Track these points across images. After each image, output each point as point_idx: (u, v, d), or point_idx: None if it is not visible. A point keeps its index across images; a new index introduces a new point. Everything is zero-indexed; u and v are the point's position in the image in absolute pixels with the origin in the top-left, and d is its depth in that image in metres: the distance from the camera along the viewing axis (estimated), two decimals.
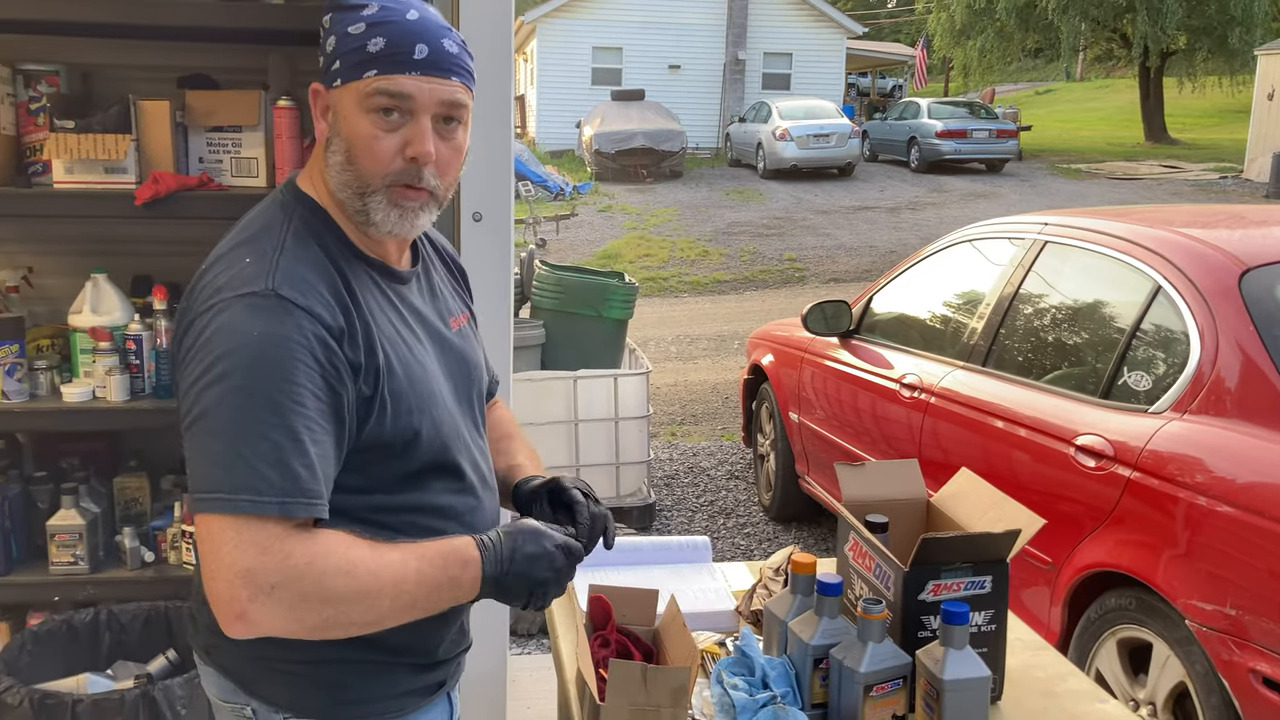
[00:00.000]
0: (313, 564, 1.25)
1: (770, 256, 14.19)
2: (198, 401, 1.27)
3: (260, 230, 1.39)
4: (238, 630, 1.24)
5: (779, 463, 5.37)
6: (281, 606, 1.23)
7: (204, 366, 1.27)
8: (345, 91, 1.36)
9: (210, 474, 1.24)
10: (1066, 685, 1.90)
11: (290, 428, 1.25)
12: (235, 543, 1.22)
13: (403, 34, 1.34)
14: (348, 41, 1.35)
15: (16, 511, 2.89)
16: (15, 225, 3.17)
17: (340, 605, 1.27)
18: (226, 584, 1.22)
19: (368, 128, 1.35)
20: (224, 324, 1.28)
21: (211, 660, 1.48)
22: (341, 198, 1.40)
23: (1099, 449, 3.04)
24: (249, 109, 2.88)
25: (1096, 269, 3.54)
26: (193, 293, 1.37)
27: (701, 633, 2.00)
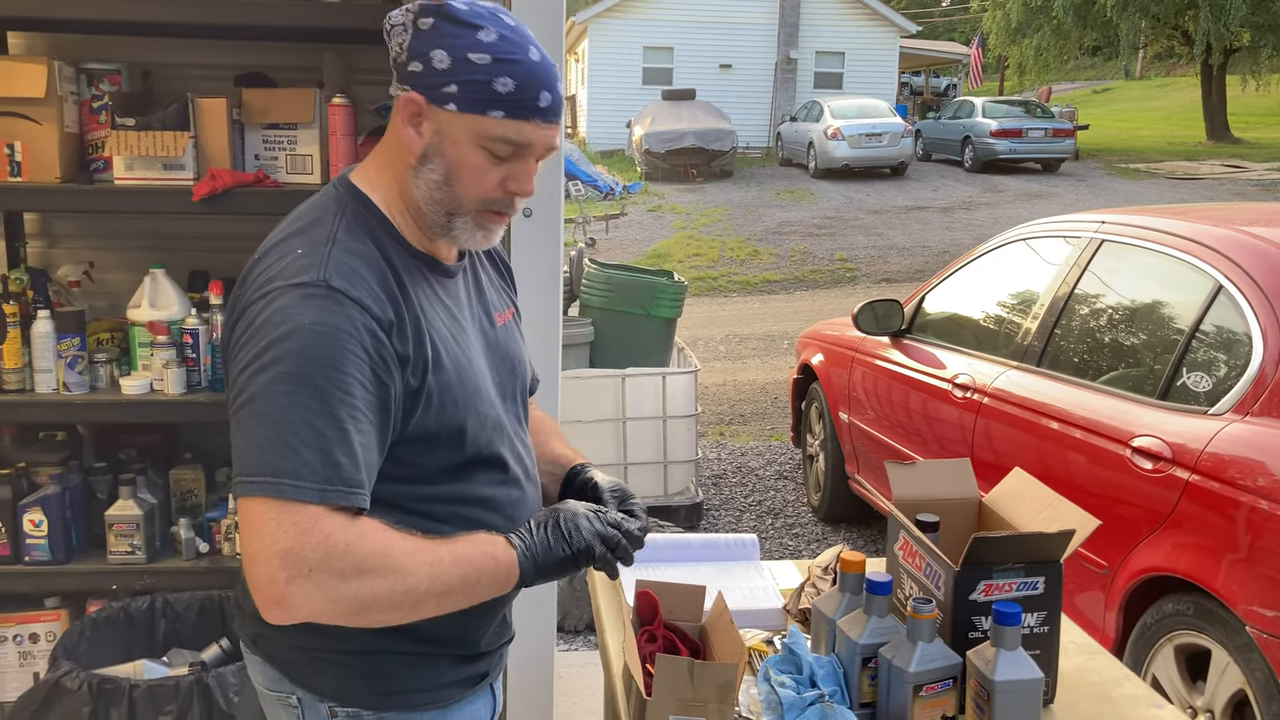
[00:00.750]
0: (351, 547, 1.26)
1: (821, 256, 14.10)
2: (246, 386, 1.29)
3: (312, 222, 1.40)
4: (276, 615, 1.25)
5: (828, 463, 5.34)
6: (319, 589, 1.24)
7: (254, 353, 1.29)
8: (461, 120, 1.36)
9: (254, 457, 1.26)
10: (1122, 690, 1.86)
11: (335, 416, 1.26)
12: (276, 525, 1.23)
13: (530, 78, 1.36)
14: (470, 70, 1.34)
15: (77, 501, 2.95)
16: (78, 221, 3.25)
17: (377, 588, 1.28)
18: (265, 565, 1.23)
19: (478, 160, 1.38)
20: (275, 312, 1.30)
21: (258, 649, 1.49)
22: (426, 210, 1.42)
23: (1156, 451, 2.98)
24: (304, 106, 2.92)
25: (1155, 268, 3.47)
26: (244, 282, 1.38)
27: (749, 630, 1.99)
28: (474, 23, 1.36)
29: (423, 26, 1.37)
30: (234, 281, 3.10)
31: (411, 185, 1.41)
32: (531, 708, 2.79)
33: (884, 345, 4.73)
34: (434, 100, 1.36)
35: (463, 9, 1.37)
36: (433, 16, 1.36)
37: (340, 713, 1.45)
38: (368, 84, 3.18)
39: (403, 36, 1.38)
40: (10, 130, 2.77)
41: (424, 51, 1.36)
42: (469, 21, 1.36)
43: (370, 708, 1.45)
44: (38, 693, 2.32)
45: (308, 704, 1.46)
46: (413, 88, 1.37)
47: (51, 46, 3.07)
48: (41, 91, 2.75)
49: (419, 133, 1.39)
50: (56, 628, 2.92)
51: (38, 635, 2.94)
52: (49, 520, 2.86)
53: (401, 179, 1.42)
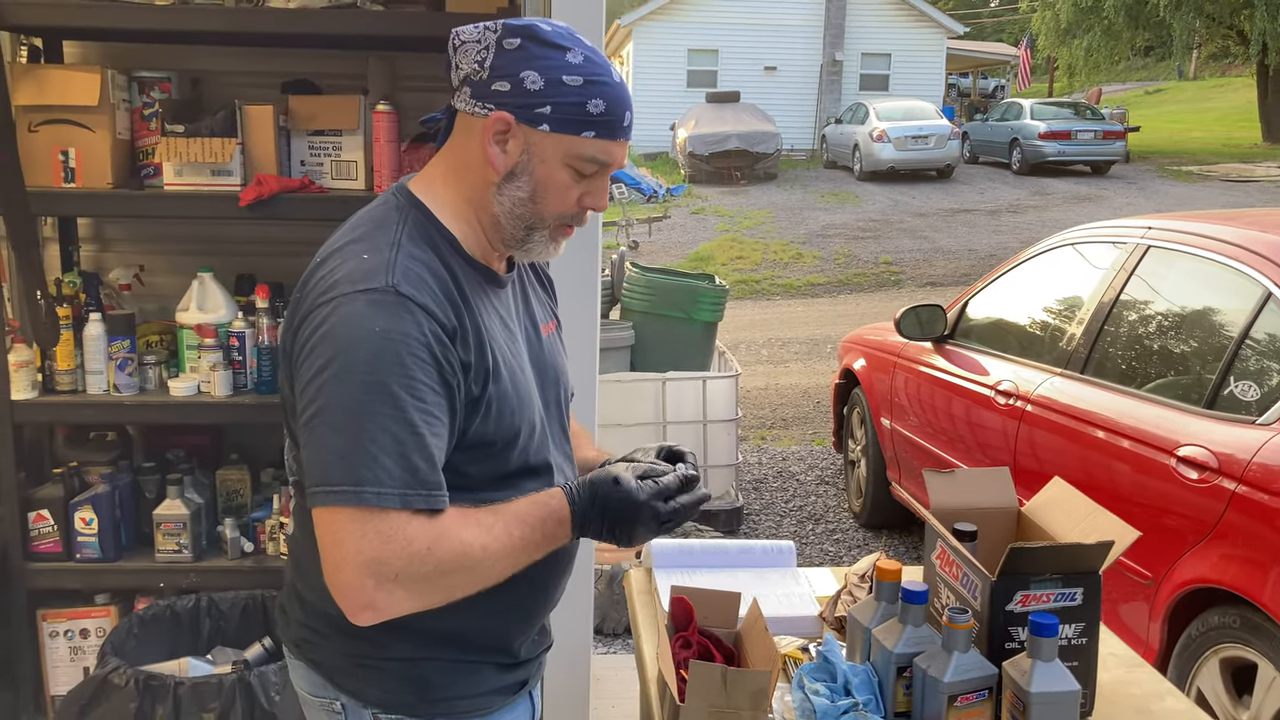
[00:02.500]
0: (432, 549, 1.28)
1: (865, 260, 14.01)
2: (318, 396, 1.29)
3: (375, 228, 1.41)
4: (366, 618, 1.28)
5: (870, 469, 5.30)
6: (406, 592, 1.28)
7: (324, 360, 1.30)
8: (553, 140, 1.38)
9: (333, 467, 1.27)
10: (1163, 704, 1.84)
11: (409, 422, 1.28)
12: (360, 533, 1.25)
13: (618, 100, 1.40)
14: (563, 92, 1.37)
15: (126, 501, 3.01)
16: (128, 226, 3.32)
17: (460, 580, 1.32)
18: (353, 574, 1.25)
19: (565, 179, 1.41)
20: (343, 318, 1.30)
21: (302, 654, 1.50)
22: (505, 224, 1.44)
23: (1202, 460, 2.93)
24: (349, 113, 2.96)
25: (1203, 274, 3.42)
26: (306, 286, 1.39)
27: (784, 637, 1.99)
28: (561, 44, 1.38)
29: (509, 46, 1.38)
30: (281, 285, 3.19)
31: (492, 201, 1.43)
32: (568, 711, 2.80)
33: (927, 351, 4.69)
34: (525, 120, 1.38)
35: (548, 30, 1.39)
36: (519, 37, 1.38)
37: (384, 719, 1.46)
38: (411, 91, 3.22)
39: (483, 55, 1.39)
40: (65, 137, 2.84)
41: (513, 72, 1.37)
42: (556, 43, 1.38)
43: (414, 715, 1.47)
44: (87, 688, 2.38)
45: (351, 710, 1.47)
46: (499, 107, 1.38)
47: (105, 56, 3.15)
48: (95, 99, 2.82)
49: (505, 150, 1.40)
50: (106, 624, 2.99)
51: (88, 631, 3.00)
52: (99, 518, 2.92)
53: (477, 193, 1.44)
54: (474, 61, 1.39)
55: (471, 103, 1.40)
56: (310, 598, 1.47)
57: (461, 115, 1.44)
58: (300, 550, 1.49)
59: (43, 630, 2.99)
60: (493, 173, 1.41)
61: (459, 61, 1.42)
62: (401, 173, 2.94)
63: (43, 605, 3.00)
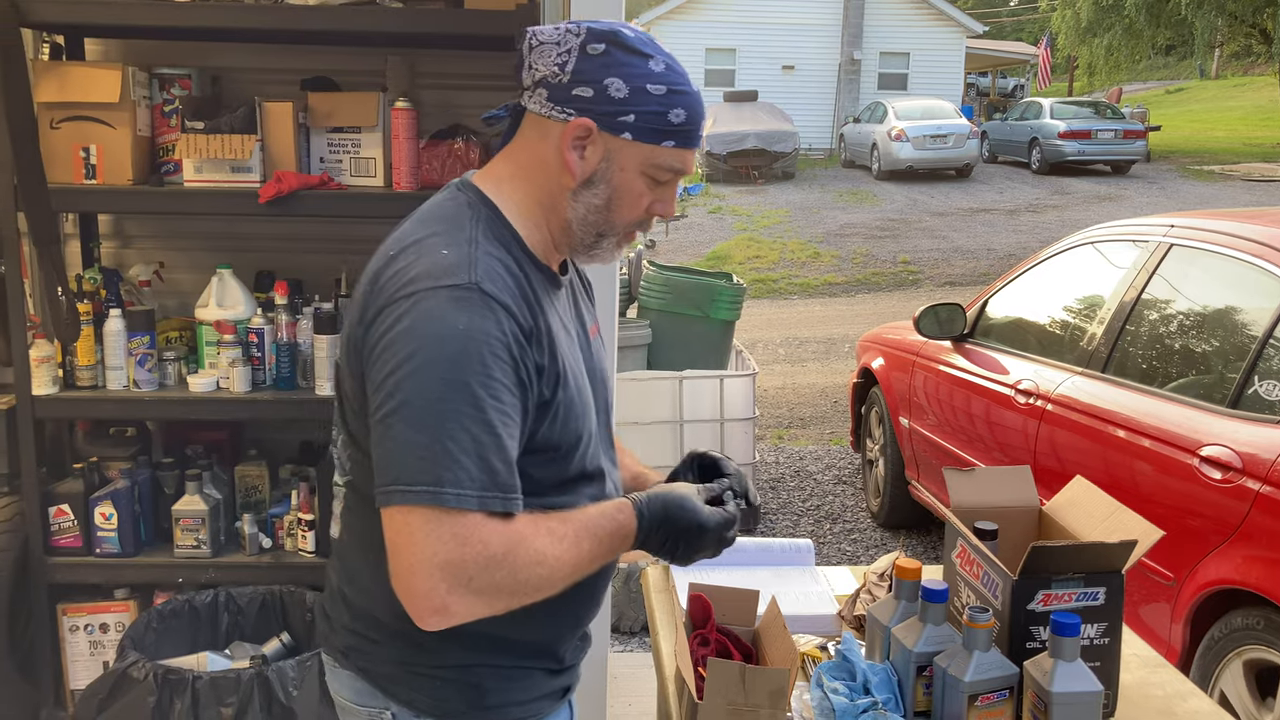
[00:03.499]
0: (508, 555, 1.26)
1: (883, 259, 13.96)
2: (396, 391, 1.26)
3: (450, 224, 1.38)
4: (434, 623, 1.25)
5: (888, 468, 5.28)
6: (478, 596, 1.25)
7: (404, 356, 1.26)
8: (633, 148, 1.37)
9: (411, 465, 1.23)
10: (1187, 706, 1.82)
11: (489, 423, 1.25)
12: (436, 535, 1.22)
13: (696, 108, 1.39)
14: (647, 100, 1.35)
15: (145, 496, 3.03)
16: (149, 222, 3.33)
17: (529, 590, 1.30)
18: (426, 577, 1.22)
19: (641, 187, 1.40)
20: (425, 314, 1.27)
21: (350, 663, 1.46)
22: (577, 230, 1.42)
23: (1226, 460, 2.90)
24: (368, 110, 2.97)
25: (1226, 273, 3.38)
26: (378, 279, 1.34)
27: (802, 636, 1.98)
28: (645, 51, 1.37)
29: (592, 52, 1.36)
30: (299, 282, 3.19)
31: (566, 206, 1.41)
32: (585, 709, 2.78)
33: (946, 350, 4.67)
34: (607, 128, 1.36)
35: (631, 37, 1.37)
36: (604, 43, 1.36)
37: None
38: (430, 88, 3.22)
39: (564, 58, 1.36)
40: (86, 134, 2.85)
41: (597, 78, 1.35)
42: (640, 50, 1.37)
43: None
44: (106, 681, 2.39)
45: (402, 719, 1.44)
46: (580, 112, 1.36)
47: (126, 52, 3.16)
48: (116, 96, 2.83)
49: (583, 156, 1.38)
50: (125, 618, 3.00)
51: (108, 625, 3.02)
52: (119, 514, 2.93)
53: (549, 197, 1.41)
54: (553, 64, 1.37)
55: (548, 106, 1.38)
56: (360, 602, 1.44)
57: (533, 116, 1.41)
58: (350, 553, 1.46)
59: (63, 624, 3.01)
60: (569, 178, 1.39)
61: (534, 62, 1.39)
62: (420, 169, 2.95)
63: (63, 600, 3.01)
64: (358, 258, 3.22)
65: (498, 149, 1.49)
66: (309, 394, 2.93)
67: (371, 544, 1.35)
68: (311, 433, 3.31)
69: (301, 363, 2.97)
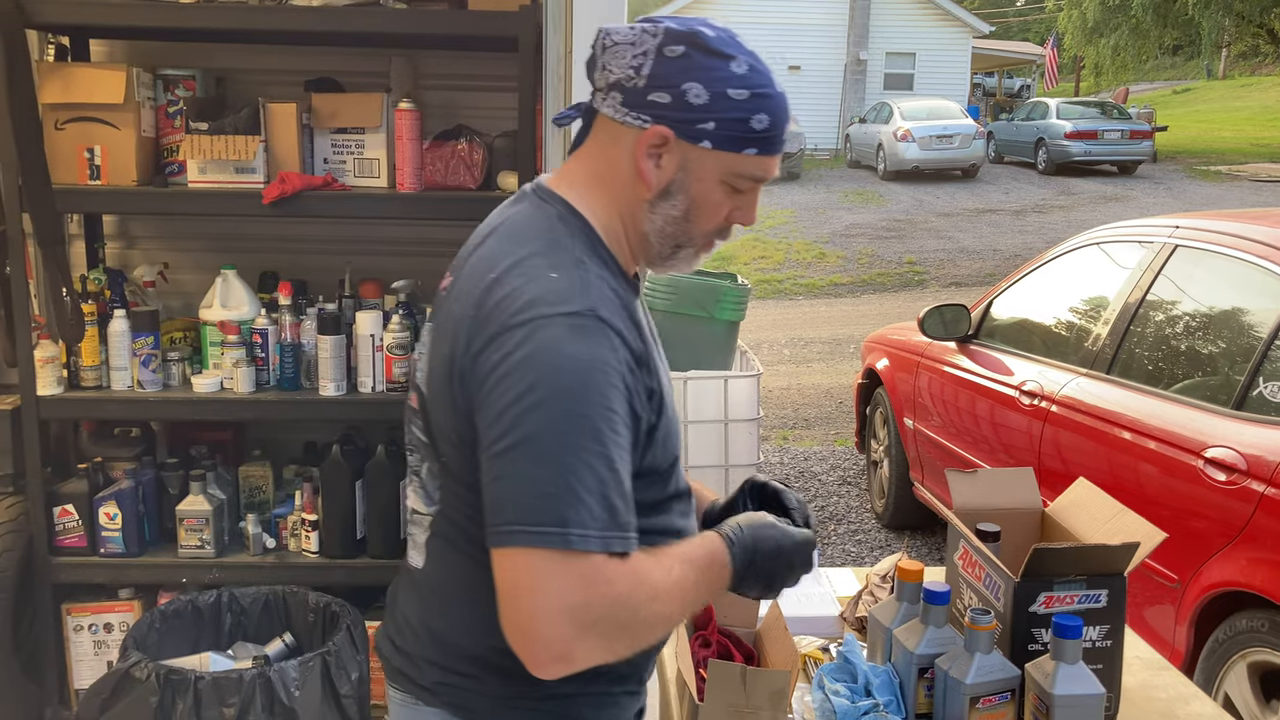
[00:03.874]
0: (630, 595, 1.20)
1: (889, 259, 13.95)
2: (516, 425, 1.18)
3: (548, 242, 1.30)
4: (555, 671, 1.18)
5: (893, 469, 5.28)
6: (601, 640, 1.18)
7: (524, 388, 1.18)
8: (713, 157, 1.30)
9: (533, 505, 1.17)
10: (1189, 709, 1.82)
11: (609, 458, 1.19)
12: (561, 578, 1.15)
13: (780, 112, 1.32)
14: (728, 107, 1.28)
15: (150, 496, 3.03)
16: (153, 223, 3.34)
17: (647, 630, 1.25)
18: (550, 622, 1.15)
19: (720, 197, 1.34)
20: (545, 343, 1.19)
21: (438, 700, 1.38)
22: (654, 242, 1.36)
23: (1230, 462, 2.90)
24: (372, 111, 2.97)
25: (1231, 274, 3.37)
26: (484, 304, 1.25)
27: (804, 637, 1.98)
28: (726, 52, 1.29)
29: (670, 54, 1.28)
30: (304, 282, 3.19)
31: (644, 218, 1.34)
32: None
33: (950, 351, 4.66)
34: (686, 136, 1.29)
35: (712, 36, 1.30)
36: (683, 44, 1.28)
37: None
38: (433, 89, 3.23)
39: (640, 60, 1.29)
40: (91, 135, 2.86)
41: (675, 83, 1.28)
42: (722, 51, 1.29)
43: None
44: (109, 681, 2.39)
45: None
46: (657, 120, 1.29)
47: (130, 54, 3.17)
48: (120, 97, 2.83)
49: (658, 166, 1.31)
50: (129, 618, 3.00)
51: (112, 625, 3.02)
52: (123, 514, 2.94)
53: (628, 207, 1.35)
54: (628, 66, 1.29)
55: (623, 111, 1.30)
56: (456, 638, 1.37)
57: (606, 120, 1.34)
58: (444, 586, 1.38)
59: (67, 624, 3.02)
60: (644, 189, 1.32)
61: (607, 63, 1.32)
62: (424, 170, 2.95)
63: (67, 599, 3.02)
64: (361, 258, 3.26)
65: (570, 150, 1.42)
66: (313, 394, 2.93)
67: (473, 580, 1.30)
68: (315, 433, 3.31)
69: (305, 363, 2.97)
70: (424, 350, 1.38)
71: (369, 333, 2.92)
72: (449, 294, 1.35)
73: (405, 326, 2.94)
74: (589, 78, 1.36)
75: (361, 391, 2.94)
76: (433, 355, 1.33)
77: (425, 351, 1.37)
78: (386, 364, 2.93)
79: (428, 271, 3.20)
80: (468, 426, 1.26)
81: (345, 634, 2.57)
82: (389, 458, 2.99)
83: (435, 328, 1.36)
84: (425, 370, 1.35)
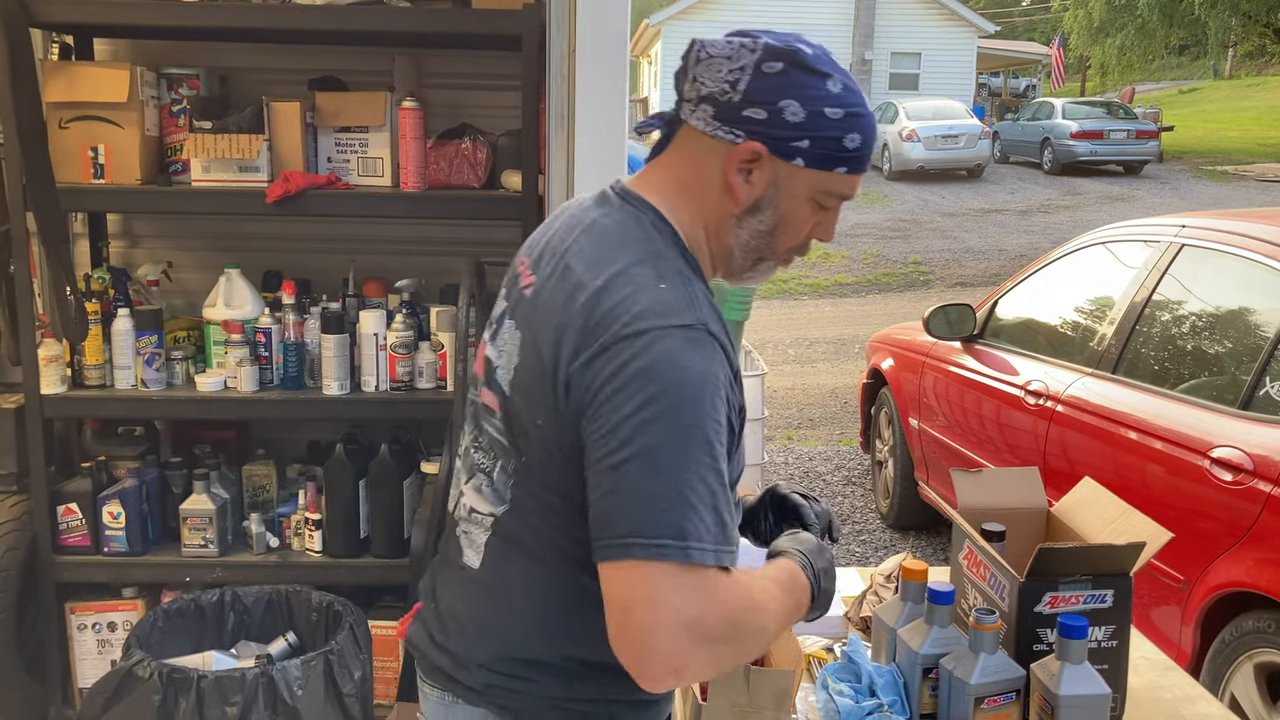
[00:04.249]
0: (740, 610, 1.21)
1: (894, 259, 13.93)
2: (635, 437, 1.17)
3: (651, 252, 1.29)
4: (667, 684, 1.17)
5: (898, 469, 5.27)
6: (713, 654, 1.18)
7: (643, 399, 1.18)
8: (804, 175, 1.31)
9: (652, 518, 1.16)
10: (1195, 709, 1.81)
11: (719, 471, 1.20)
12: (679, 592, 1.15)
13: (870, 131, 1.32)
14: (824, 126, 1.28)
15: (153, 495, 3.03)
16: (157, 222, 3.34)
17: (752, 645, 1.26)
18: (668, 635, 1.14)
19: (807, 214, 1.34)
20: (663, 356, 1.19)
21: (485, 700, 1.37)
22: (738, 255, 1.36)
23: (1237, 462, 2.88)
24: (375, 110, 2.97)
25: (1237, 273, 3.36)
26: (592, 312, 1.24)
27: (808, 637, 1.97)
28: (824, 70, 1.30)
29: (768, 70, 1.28)
30: (307, 281, 3.19)
31: (730, 231, 1.34)
32: None
33: (956, 350, 4.65)
34: (779, 153, 1.29)
35: (810, 54, 1.30)
36: (782, 61, 1.29)
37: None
38: (437, 87, 3.22)
39: (736, 75, 1.29)
40: (95, 134, 2.86)
41: (772, 100, 1.28)
42: (819, 70, 1.29)
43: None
44: (111, 680, 2.39)
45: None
46: (750, 135, 1.28)
47: (134, 52, 3.17)
48: (124, 96, 2.83)
49: (749, 181, 1.31)
50: (133, 617, 3.01)
51: (115, 624, 3.03)
52: (126, 513, 2.94)
53: (714, 219, 1.35)
54: (724, 80, 1.29)
55: (714, 124, 1.30)
56: (514, 640, 1.35)
57: (694, 131, 1.33)
58: (504, 587, 1.36)
59: (71, 623, 3.02)
60: (733, 204, 1.32)
61: (699, 75, 1.32)
62: (427, 169, 2.94)
63: (71, 598, 3.02)
64: (365, 257, 3.25)
65: (649, 158, 1.40)
66: (316, 393, 2.93)
67: (542, 584, 1.31)
68: (319, 432, 3.31)
69: (309, 362, 2.97)
70: (504, 349, 1.34)
71: (372, 332, 2.91)
72: (536, 294, 1.32)
73: (409, 326, 2.94)
74: (676, 88, 1.36)
75: (365, 391, 2.94)
76: (522, 358, 1.30)
77: (507, 351, 1.34)
78: (390, 363, 2.93)
79: (431, 270, 3.22)
80: (571, 435, 1.24)
81: (348, 633, 2.57)
82: (392, 457, 2.99)
83: (521, 327, 1.32)
84: (509, 372, 1.32)
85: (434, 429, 3.08)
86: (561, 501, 1.26)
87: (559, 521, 1.27)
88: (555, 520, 1.28)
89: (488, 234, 3.14)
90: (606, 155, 2.45)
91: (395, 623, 3.00)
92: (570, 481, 1.25)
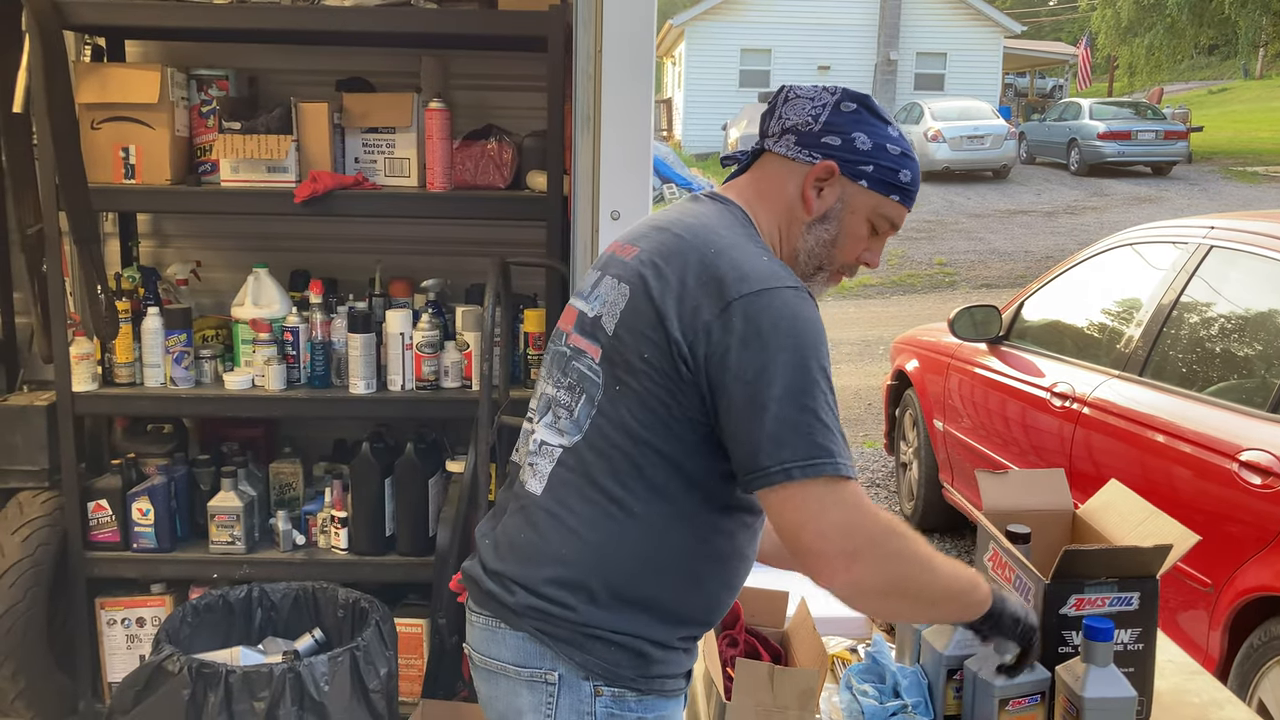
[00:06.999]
0: (889, 528, 1.37)
1: (919, 261, 13.87)
2: (778, 376, 1.36)
3: (746, 234, 1.52)
4: (845, 582, 1.35)
5: (922, 471, 5.24)
6: (879, 561, 1.36)
7: (777, 344, 1.37)
8: (866, 195, 1.55)
9: (803, 443, 1.34)
10: (1223, 713, 1.79)
11: (835, 405, 1.40)
12: (838, 500, 1.34)
13: (918, 174, 1.59)
14: (885, 156, 1.54)
15: (181, 492, 3.06)
16: (186, 222, 3.37)
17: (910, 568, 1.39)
18: (840, 537, 1.34)
19: (862, 232, 1.58)
20: (786, 306, 1.40)
21: (524, 624, 1.47)
22: (802, 259, 1.58)
23: (1266, 465, 2.86)
24: (402, 111, 2.98)
25: (1267, 275, 3.33)
26: (710, 273, 1.42)
27: (832, 638, 1.97)
28: (887, 118, 1.58)
29: (845, 109, 1.55)
30: (334, 281, 3.22)
31: (799, 236, 1.57)
32: None
33: (981, 352, 4.63)
34: (848, 173, 1.54)
35: (878, 105, 1.59)
36: (856, 103, 1.56)
37: (606, 692, 1.46)
38: (464, 89, 3.24)
39: (818, 111, 1.55)
40: (126, 134, 2.89)
41: (846, 130, 1.54)
42: (884, 117, 1.58)
43: (635, 690, 1.47)
44: (141, 674, 2.41)
45: (568, 682, 1.46)
46: (825, 156, 1.53)
47: (164, 54, 3.20)
48: (155, 97, 2.87)
49: (820, 195, 1.55)
50: (161, 612, 3.04)
51: (144, 619, 3.06)
52: (155, 509, 2.97)
53: (787, 226, 1.57)
54: (807, 115, 1.55)
55: (796, 149, 1.55)
56: (558, 563, 1.45)
57: (776, 156, 1.57)
58: (565, 513, 1.46)
59: (100, 618, 3.05)
60: (805, 213, 1.55)
61: (785, 113, 1.57)
62: (454, 170, 2.96)
63: (101, 594, 3.05)
64: (391, 257, 3.27)
65: (726, 180, 1.64)
66: (343, 392, 2.95)
67: (604, 514, 1.43)
68: (345, 431, 3.34)
69: (336, 361, 2.99)
70: (605, 299, 1.50)
71: (399, 331, 2.93)
72: (642, 256, 1.49)
73: (435, 325, 2.96)
74: (761, 127, 1.61)
75: (391, 390, 2.96)
76: (631, 304, 1.46)
77: (610, 301, 1.49)
78: (416, 362, 2.95)
79: (457, 270, 3.24)
80: (700, 377, 1.40)
81: (374, 630, 2.59)
82: (418, 456, 3.01)
83: (627, 281, 1.48)
84: (613, 317, 1.47)
85: (459, 428, 3.10)
86: (640, 427, 1.42)
87: (629, 447, 1.42)
88: (625, 446, 1.42)
89: (513, 234, 3.16)
90: (632, 156, 2.46)
91: (420, 620, 3.02)
92: (660, 403, 1.41)
